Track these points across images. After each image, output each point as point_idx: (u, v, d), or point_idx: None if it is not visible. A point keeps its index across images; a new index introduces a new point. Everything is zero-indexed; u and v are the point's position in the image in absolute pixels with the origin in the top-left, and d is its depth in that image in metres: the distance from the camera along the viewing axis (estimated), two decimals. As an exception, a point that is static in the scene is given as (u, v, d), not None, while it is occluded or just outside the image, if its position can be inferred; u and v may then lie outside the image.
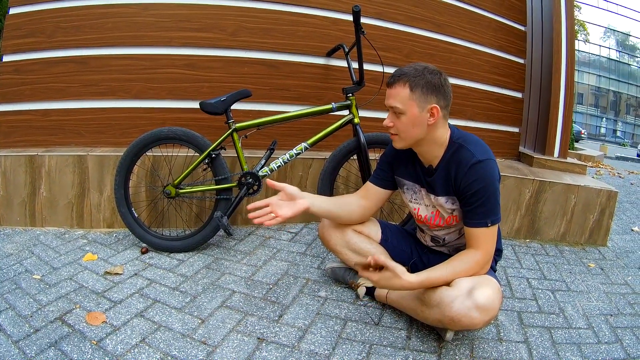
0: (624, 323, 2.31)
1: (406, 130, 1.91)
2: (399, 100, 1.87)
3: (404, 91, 1.86)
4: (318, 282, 2.50)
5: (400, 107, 1.87)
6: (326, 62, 3.45)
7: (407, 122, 1.89)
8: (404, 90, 1.86)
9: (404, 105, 1.86)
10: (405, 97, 1.86)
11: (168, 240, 2.80)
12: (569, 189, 3.40)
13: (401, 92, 1.86)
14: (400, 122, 1.90)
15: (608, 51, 45.70)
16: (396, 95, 1.88)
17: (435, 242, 2.24)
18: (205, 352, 1.83)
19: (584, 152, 9.88)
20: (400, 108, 1.87)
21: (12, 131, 3.22)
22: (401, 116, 1.89)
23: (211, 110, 2.69)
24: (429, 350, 1.94)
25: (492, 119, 4.09)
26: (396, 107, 1.88)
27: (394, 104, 1.88)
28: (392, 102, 1.89)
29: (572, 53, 4.04)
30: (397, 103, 1.87)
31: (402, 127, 1.91)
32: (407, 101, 1.86)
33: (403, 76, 1.87)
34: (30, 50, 3.18)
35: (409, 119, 1.88)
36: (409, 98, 1.86)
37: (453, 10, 3.78)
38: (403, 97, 1.86)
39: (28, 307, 2.07)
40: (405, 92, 1.86)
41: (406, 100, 1.86)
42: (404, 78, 1.86)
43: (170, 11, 3.18)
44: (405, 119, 1.88)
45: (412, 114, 1.87)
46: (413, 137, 1.93)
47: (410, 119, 1.88)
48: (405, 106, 1.86)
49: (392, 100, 1.89)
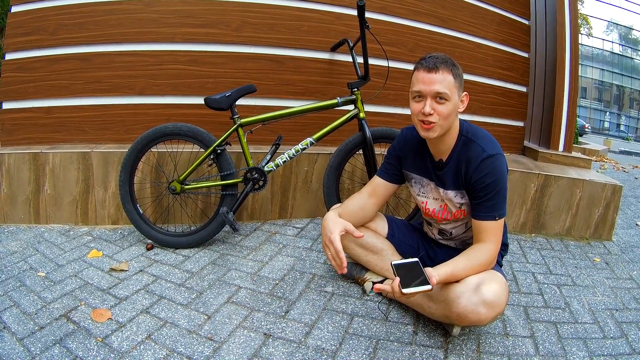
0: (630, 318, 2.31)
1: (448, 117, 1.85)
2: (446, 85, 1.81)
3: (449, 77, 1.81)
4: (324, 278, 2.50)
5: (448, 92, 1.81)
6: (331, 57, 3.43)
7: (452, 108, 1.84)
8: (449, 77, 1.81)
9: (451, 92, 1.82)
10: (451, 83, 1.82)
11: (173, 236, 2.80)
12: (574, 183, 3.39)
13: (447, 78, 1.81)
14: (445, 108, 1.83)
15: (611, 45, 45.49)
16: (442, 80, 1.80)
17: (443, 235, 2.24)
18: (211, 349, 1.83)
19: (588, 147, 9.83)
20: (447, 94, 1.81)
21: (15, 129, 3.22)
22: (446, 103, 1.83)
23: (216, 106, 2.69)
24: (435, 346, 1.94)
25: (497, 113, 4.07)
26: (444, 92, 1.80)
27: (442, 89, 1.80)
28: (438, 88, 1.81)
29: (576, 47, 4.02)
30: (444, 89, 1.81)
31: (446, 113, 1.83)
32: (452, 88, 1.82)
33: (445, 63, 1.82)
34: (33, 48, 3.17)
35: (453, 106, 1.84)
36: (454, 85, 1.82)
37: (457, 4, 3.75)
38: (449, 83, 1.81)
39: (33, 305, 2.07)
40: (450, 79, 1.81)
41: (452, 87, 1.82)
42: (447, 65, 1.82)
43: (174, 7, 3.17)
44: (451, 105, 1.83)
45: (454, 101, 1.84)
46: (449, 126, 1.90)
47: (454, 106, 1.85)
48: (451, 92, 1.82)
49: (437, 86, 1.80)
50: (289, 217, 3.37)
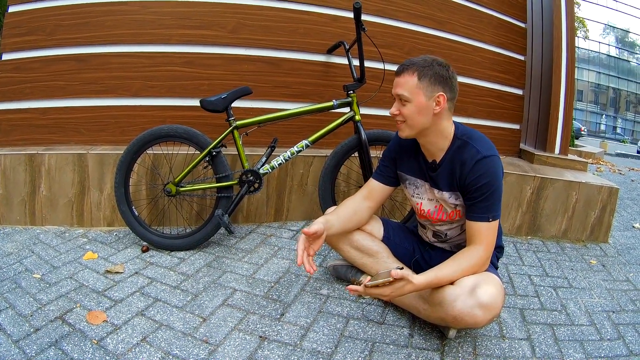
0: (626, 320, 2.30)
1: (412, 117, 1.91)
2: (406, 88, 1.88)
3: (412, 80, 1.87)
4: (320, 280, 2.49)
5: (406, 95, 1.88)
6: (327, 60, 3.43)
7: (413, 109, 1.89)
8: (412, 79, 1.87)
9: (411, 94, 1.88)
10: (413, 85, 1.87)
11: (169, 238, 2.79)
12: (570, 186, 3.40)
13: (409, 81, 1.87)
14: (407, 109, 1.90)
15: (608, 48, 45.65)
16: (404, 83, 1.89)
17: (438, 237, 2.23)
18: (206, 351, 1.82)
19: (585, 149, 9.87)
20: (406, 96, 1.88)
21: (11, 129, 3.21)
22: (407, 104, 1.89)
23: (212, 108, 2.68)
24: (431, 348, 1.94)
25: (493, 115, 4.08)
26: (402, 95, 1.89)
27: (401, 92, 1.89)
28: (398, 91, 1.90)
29: (572, 50, 4.04)
30: (403, 91, 1.89)
31: (408, 114, 1.90)
32: (414, 89, 1.87)
33: (412, 65, 1.89)
34: (30, 49, 3.17)
35: (415, 107, 1.89)
36: (416, 87, 1.87)
37: (454, 7, 3.76)
38: (410, 86, 1.87)
39: (28, 306, 2.06)
40: (413, 81, 1.87)
41: (413, 89, 1.87)
42: (413, 67, 1.88)
43: (170, 9, 3.16)
44: (411, 106, 1.89)
45: (418, 102, 1.88)
46: (419, 125, 1.93)
47: (417, 107, 1.89)
48: (411, 94, 1.87)
49: (399, 89, 1.90)
50: (285, 220, 3.37)
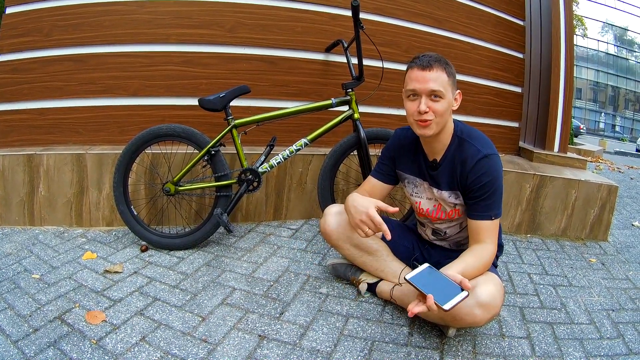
0: (626, 318, 2.30)
1: (444, 114, 1.87)
2: (440, 83, 1.83)
3: (443, 75, 1.84)
4: (319, 279, 2.49)
5: (442, 90, 1.83)
6: (325, 58, 3.43)
7: (446, 106, 1.86)
8: (443, 74, 1.84)
9: (445, 89, 1.84)
10: (445, 81, 1.84)
11: (168, 237, 2.79)
12: (570, 184, 3.39)
13: (441, 76, 1.83)
14: (440, 105, 1.85)
15: (606, 46, 45.63)
16: (436, 79, 1.83)
17: (437, 235, 2.23)
18: (205, 350, 1.82)
19: (584, 147, 9.85)
20: (442, 91, 1.83)
21: (10, 130, 3.20)
22: (441, 100, 1.85)
23: (210, 107, 2.68)
24: (431, 347, 1.93)
25: (492, 113, 4.07)
26: (439, 90, 1.83)
27: (436, 87, 1.83)
28: (432, 86, 1.83)
29: (571, 47, 4.03)
30: (439, 86, 1.83)
31: (441, 111, 1.85)
32: (447, 85, 1.85)
33: (439, 62, 1.85)
34: (28, 50, 3.16)
35: (447, 103, 1.86)
36: (447, 82, 1.85)
37: (452, 5, 3.76)
38: (443, 81, 1.84)
39: (27, 307, 2.05)
40: (444, 77, 1.84)
41: (446, 84, 1.84)
42: (441, 63, 1.85)
43: (168, 8, 3.15)
44: (445, 102, 1.85)
45: (449, 98, 1.86)
46: (444, 123, 1.91)
47: (449, 103, 1.87)
48: (445, 90, 1.84)
49: (432, 84, 1.83)
50: (284, 219, 3.37)
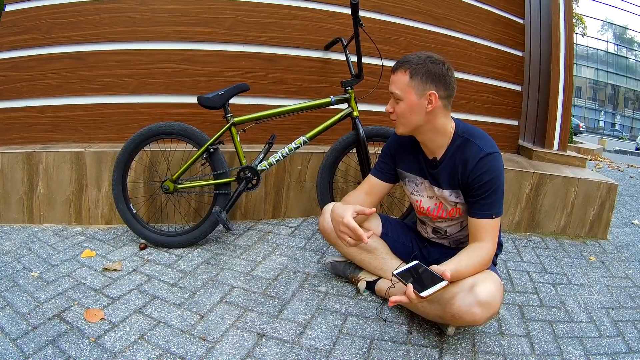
0: (626, 316, 2.30)
1: (404, 115, 1.94)
2: (398, 86, 1.91)
3: (404, 78, 1.89)
4: (318, 277, 2.49)
5: (398, 93, 1.91)
6: (324, 56, 3.42)
7: (405, 108, 1.92)
8: (404, 77, 1.89)
9: (402, 92, 1.90)
10: (404, 83, 1.89)
11: (167, 235, 2.79)
12: (569, 182, 3.39)
13: (401, 79, 1.90)
14: (399, 107, 1.93)
15: (606, 44, 45.66)
16: (396, 81, 1.91)
17: (437, 233, 2.23)
18: (204, 349, 1.81)
19: (583, 146, 9.85)
20: (398, 94, 1.91)
21: (9, 128, 3.20)
22: (400, 102, 1.92)
23: (209, 105, 2.67)
24: (430, 345, 1.93)
25: (491, 111, 4.07)
26: (395, 93, 1.92)
27: (393, 90, 1.93)
28: (392, 88, 1.94)
29: (570, 46, 4.03)
30: (396, 89, 1.92)
31: (400, 112, 1.94)
32: (406, 87, 1.89)
33: (405, 63, 1.90)
34: (27, 47, 3.15)
35: (406, 105, 1.91)
36: (408, 85, 1.88)
37: (451, 3, 3.75)
38: (402, 84, 1.90)
39: (26, 305, 2.05)
40: (404, 79, 1.89)
41: (404, 87, 1.89)
42: (406, 65, 1.89)
43: (167, 6, 3.15)
44: (403, 105, 1.92)
45: (409, 101, 1.90)
46: (412, 124, 1.95)
47: (408, 105, 1.91)
48: (403, 92, 1.90)
49: (392, 87, 1.93)
50: (283, 217, 3.36)
